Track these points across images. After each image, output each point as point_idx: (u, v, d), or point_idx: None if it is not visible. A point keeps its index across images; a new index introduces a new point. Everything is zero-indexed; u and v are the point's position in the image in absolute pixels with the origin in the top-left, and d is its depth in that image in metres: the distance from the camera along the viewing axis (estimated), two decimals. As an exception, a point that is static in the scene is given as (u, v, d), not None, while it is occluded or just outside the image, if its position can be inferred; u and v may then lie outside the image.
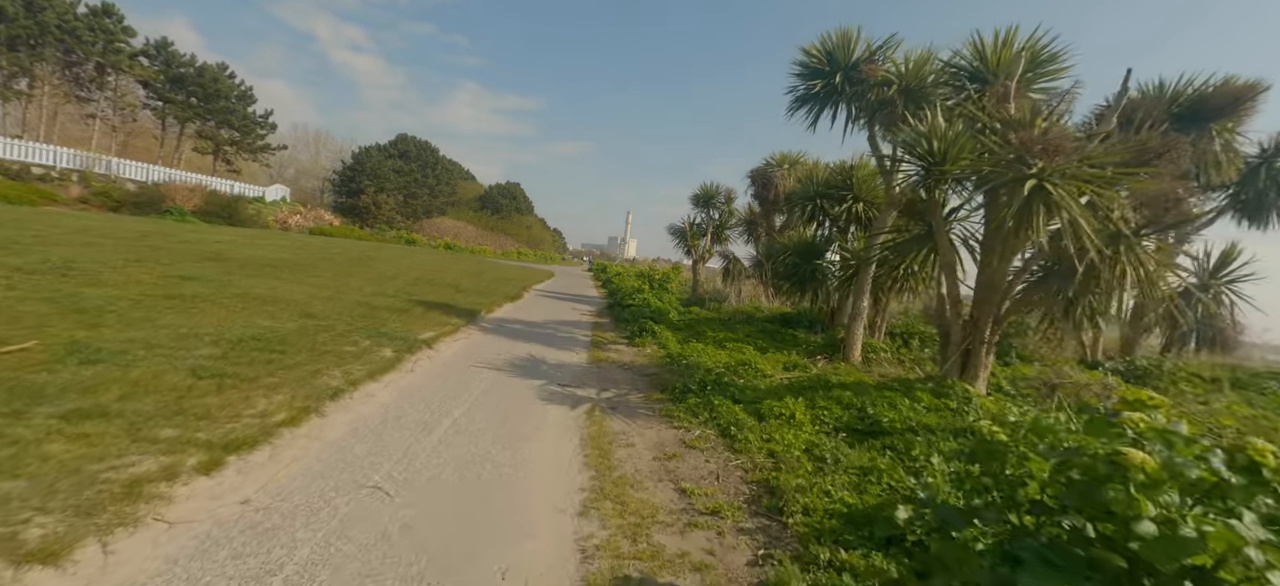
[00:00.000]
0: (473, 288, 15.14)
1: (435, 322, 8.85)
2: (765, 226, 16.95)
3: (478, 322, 10.11)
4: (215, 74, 39.84)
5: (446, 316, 9.62)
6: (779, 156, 16.66)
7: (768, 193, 16.44)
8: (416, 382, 5.68)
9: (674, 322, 12.23)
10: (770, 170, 16.36)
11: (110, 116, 37.77)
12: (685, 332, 10.90)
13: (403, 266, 17.39)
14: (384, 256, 20.47)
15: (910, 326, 9.64)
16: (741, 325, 11.60)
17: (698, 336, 10.39)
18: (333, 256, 16.80)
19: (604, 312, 15.14)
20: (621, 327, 11.84)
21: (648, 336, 9.89)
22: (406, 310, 9.33)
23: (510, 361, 7.27)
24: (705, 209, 20.01)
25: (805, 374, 7.63)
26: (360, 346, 6.32)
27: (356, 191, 55.37)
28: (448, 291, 13.32)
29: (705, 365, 7.78)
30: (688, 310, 14.81)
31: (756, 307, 14.17)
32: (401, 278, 14.31)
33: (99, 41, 34.27)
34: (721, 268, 18.75)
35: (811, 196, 11.10)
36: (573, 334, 10.56)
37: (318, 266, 13.58)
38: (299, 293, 9.21)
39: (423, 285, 13.60)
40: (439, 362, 6.62)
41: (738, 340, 9.60)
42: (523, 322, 11.14)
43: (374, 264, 16.62)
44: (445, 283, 14.95)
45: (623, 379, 7.10)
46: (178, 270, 9.25)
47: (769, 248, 16.04)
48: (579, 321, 12.69)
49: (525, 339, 9.17)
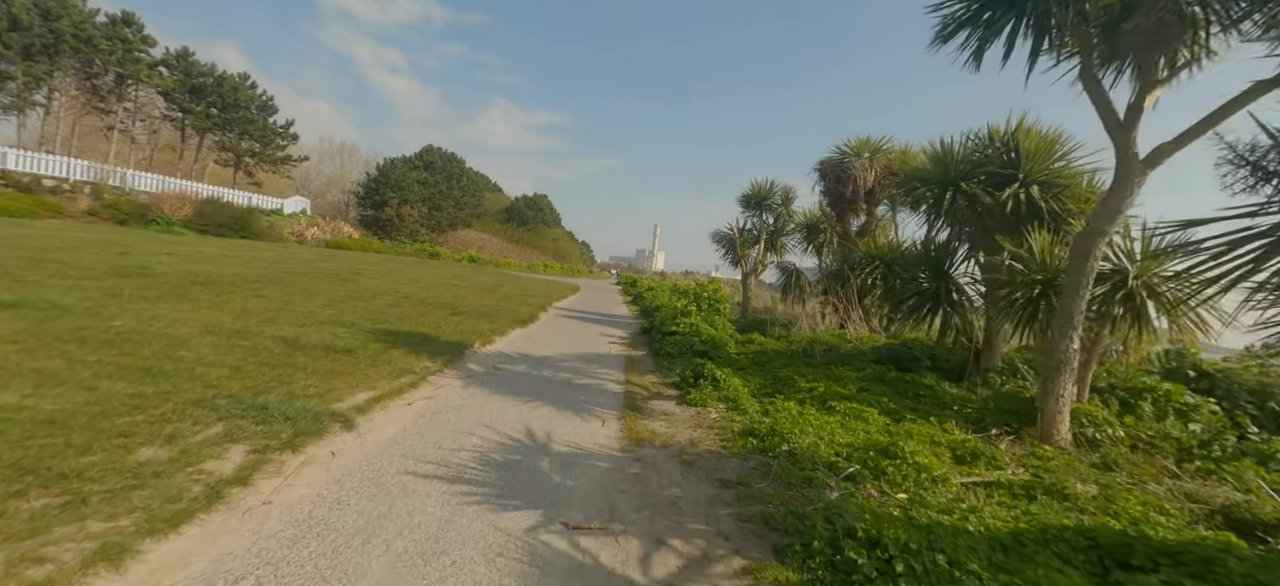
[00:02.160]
0: (475, 308, 12.16)
1: (389, 371, 5.79)
2: (838, 230, 13.50)
3: (462, 363, 7.04)
4: (234, 84, 38.77)
5: (414, 357, 6.57)
6: (856, 143, 13.23)
7: (842, 189, 13.01)
8: (231, 554, 2.53)
9: (735, 360, 8.91)
10: (846, 161, 12.95)
11: (130, 128, 36.96)
12: (758, 378, 7.57)
13: (397, 282, 14.60)
14: (383, 270, 17.79)
15: (1129, 379, 6.09)
16: (838, 366, 8.18)
17: (780, 386, 7.05)
18: (314, 271, 14.12)
19: (638, 340, 11.94)
20: (664, 367, 8.59)
21: (706, 385, 6.62)
22: (351, 351, 6.31)
23: (486, 451, 4.11)
24: (757, 211, 16.64)
25: (998, 473, 4.26)
26: (167, 452, 3.25)
27: (381, 203, 54.02)
28: (438, 315, 10.34)
29: (818, 450, 4.49)
30: (746, 337, 11.45)
31: (840, 336, 10.71)
32: (383, 297, 11.42)
33: (117, 51, 33.35)
34: (780, 282, 15.31)
35: (947, 181, 7.68)
36: (596, 379, 7.36)
37: (280, 283, 10.82)
38: (193, 324, 6.30)
39: (408, 306, 10.67)
40: (339, 470, 3.49)
41: (847, 395, 6.23)
42: (528, 360, 8.01)
43: (360, 280, 13.85)
44: (441, 302, 12.01)
45: (685, 496, 3.82)
46: (35, 292, 6.49)
47: (847, 256, 12.58)
48: (605, 356, 9.49)
49: (524, 393, 6.02)
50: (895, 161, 12.60)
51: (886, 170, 12.77)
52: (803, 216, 15.83)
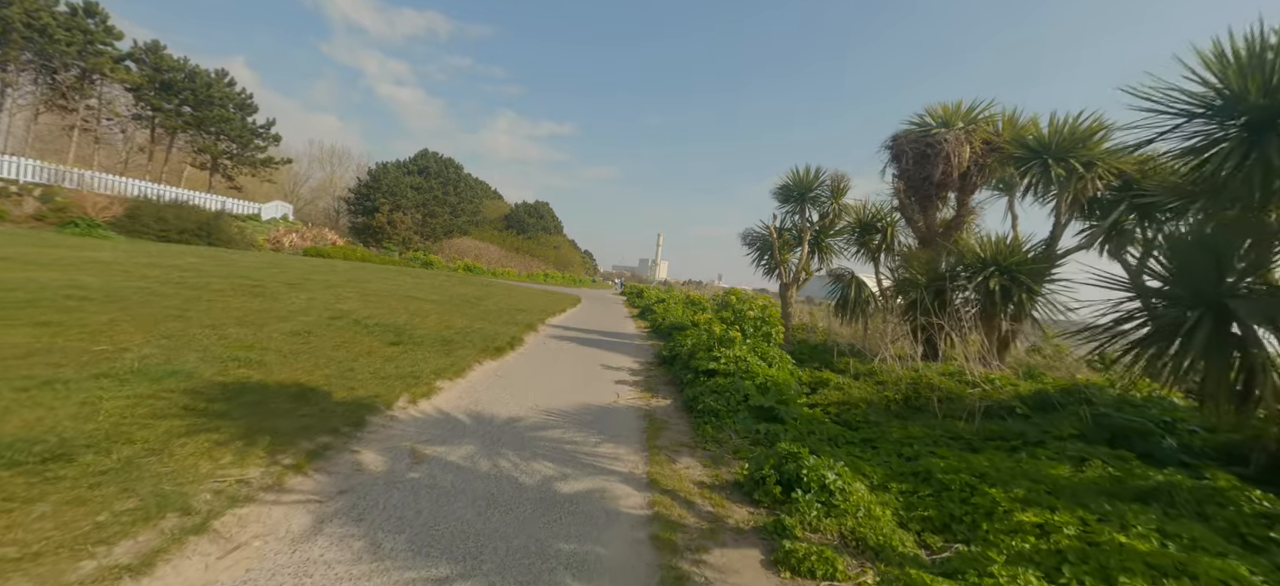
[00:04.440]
0: (433, 332, 8.90)
1: (111, 514, 2.52)
2: (920, 224, 10.18)
3: (348, 453, 3.76)
4: (209, 80, 35.89)
5: (233, 454, 3.31)
6: (944, 109, 9.96)
7: (928, 170, 9.73)
8: None
9: (815, 423, 5.60)
10: (933, 134, 9.67)
11: (94, 127, 34.07)
12: (876, 464, 4.25)
13: (341, 296, 11.36)
14: (337, 281, 14.56)
15: None
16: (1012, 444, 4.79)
17: (935, 492, 3.73)
18: (238, 283, 10.90)
19: (654, 374, 8.63)
20: (707, 434, 5.29)
21: (808, 500, 3.35)
22: (91, 449, 3.04)
23: None
24: (797, 206, 13.33)
25: None
26: None
27: (372, 210, 51.03)
28: (367, 345, 7.08)
29: None
30: (810, 373, 8.14)
31: (955, 375, 7.36)
32: (301, 318, 8.17)
33: (76, 43, 30.53)
34: (834, 294, 11.96)
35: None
36: (595, 475, 4.08)
37: (164, 299, 7.58)
38: None
39: (330, 332, 7.41)
40: None
41: (1151, 553, 2.93)
42: (484, 431, 4.71)
43: (293, 293, 10.61)
44: (387, 324, 8.76)
45: None
46: None
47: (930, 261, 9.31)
48: (610, 412, 6.21)
49: (442, 543, 2.76)
50: (1006, 132, 9.33)
51: (986, 144, 9.49)
52: (859, 212, 12.54)
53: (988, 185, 9.84)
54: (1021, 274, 8.06)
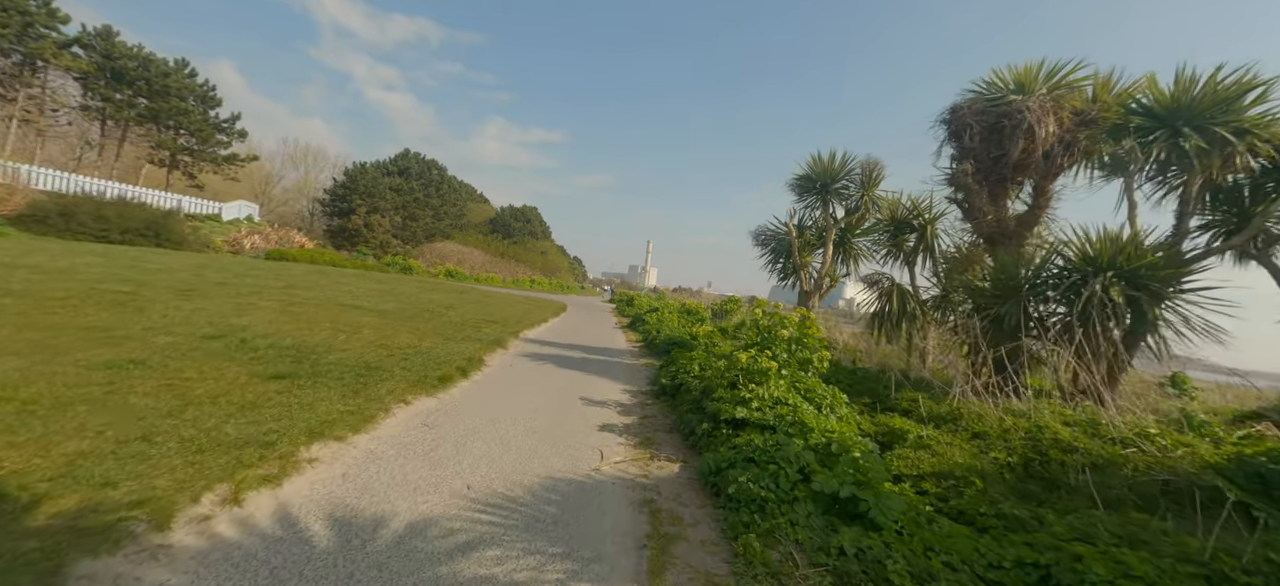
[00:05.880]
0: (353, 358, 6.58)
1: None
2: (991, 213, 8.02)
3: None
4: (165, 69, 33.20)
5: None
6: (1020, 72, 7.86)
7: (1002, 147, 7.61)
8: None
9: (934, 531, 3.40)
10: (1012, 103, 7.55)
11: (37, 119, 31.24)
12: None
13: (255, 305, 8.96)
14: (263, 286, 12.14)
15: None
16: None
17: None
18: (112, 291, 8.49)
19: (650, 415, 6.37)
20: (750, 563, 3.04)
21: None
22: None
23: None
24: (820, 200, 11.17)
25: None
26: None
27: (348, 212, 48.33)
28: (230, 384, 4.75)
29: None
30: (883, 427, 5.93)
31: (1089, 425, 5.18)
32: (150, 340, 5.81)
33: (12, 26, 27.79)
34: (874, 308, 9.75)
35: None
36: None
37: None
38: None
39: (183, 360, 5.08)
40: None
41: None
42: (341, 558, 2.44)
43: (153, 310, 8.22)
44: (294, 346, 6.43)
45: None
46: None
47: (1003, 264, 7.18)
48: (586, 492, 3.95)
49: None
50: (1101, 96, 7.23)
51: (1077, 114, 7.39)
52: (893, 206, 10.40)
53: (1078, 166, 7.71)
54: (1153, 281, 5.92)
